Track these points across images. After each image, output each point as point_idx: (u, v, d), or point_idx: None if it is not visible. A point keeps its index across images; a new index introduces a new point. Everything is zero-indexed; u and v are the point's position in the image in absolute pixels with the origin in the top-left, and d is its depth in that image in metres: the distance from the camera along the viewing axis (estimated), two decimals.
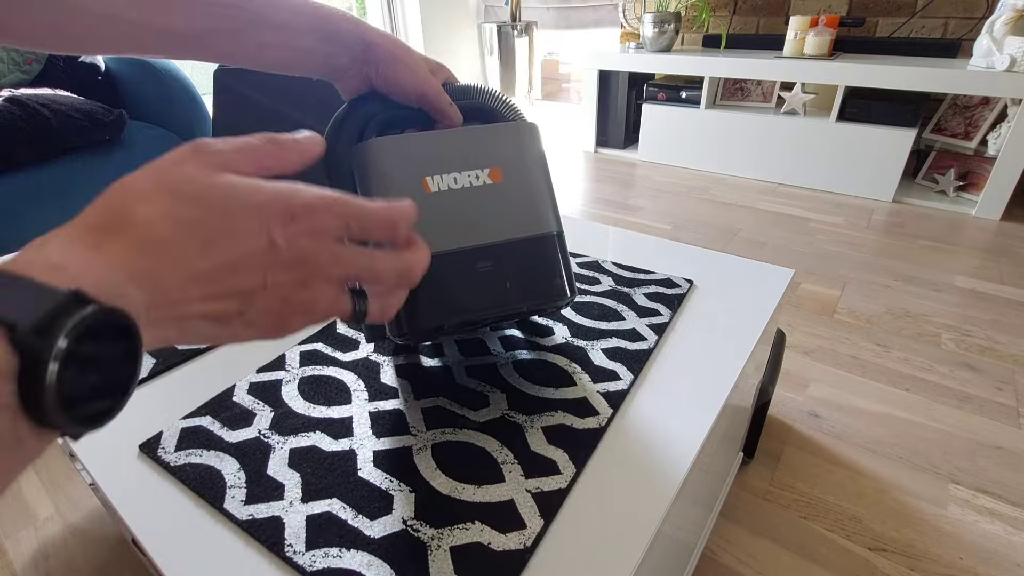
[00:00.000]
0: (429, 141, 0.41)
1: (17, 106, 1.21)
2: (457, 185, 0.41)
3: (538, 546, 0.36)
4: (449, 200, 0.40)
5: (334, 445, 0.44)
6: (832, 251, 1.62)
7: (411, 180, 0.40)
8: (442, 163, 0.41)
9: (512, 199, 0.42)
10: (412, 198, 0.36)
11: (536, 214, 0.43)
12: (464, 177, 0.41)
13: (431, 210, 0.40)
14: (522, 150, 0.44)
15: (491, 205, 0.42)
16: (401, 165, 0.40)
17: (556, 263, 0.43)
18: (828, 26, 1.99)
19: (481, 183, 0.41)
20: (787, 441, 0.94)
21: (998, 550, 0.76)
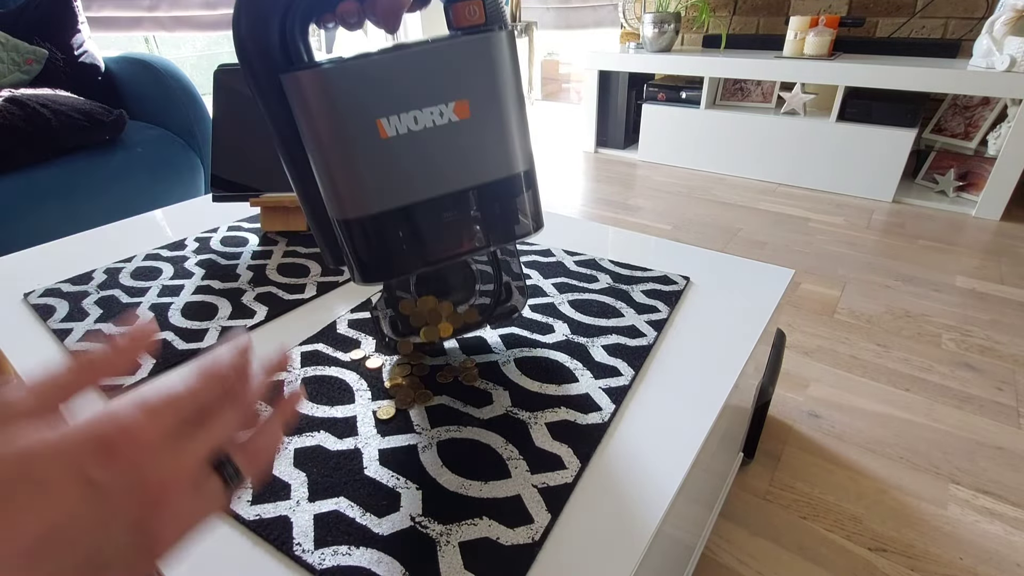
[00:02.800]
0: (379, 68, 0.33)
1: (17, 106, 1.21)
2: (418, 126, 0.34)
3: (546, 540, 0.36)
4: (409, 145, 0.35)
5: (339, 444, 0.44)
6: (832, 251, 1.62)
7: (362, 124, 0.34)
8: (398, 98, 0.34)
9: (480, 138, 0.36)
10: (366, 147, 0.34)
11: (505, 153, 0.37)
12: (426, 115, 0.34)
13: (387, 159, 0.35)
14: (494, 73, 0.35)
15: (457, 147, 0.36)
16: (348, 105, 0.33)
17: (522, 203, 0.39)
18: (828, 26, 1.99)
19: (446, 121, 0.35)
20: (787, 441, 0.95)
21: (998, 550, 0.76)
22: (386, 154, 0.34)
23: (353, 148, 0.34)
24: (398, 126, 0.34)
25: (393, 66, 0.33)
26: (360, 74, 0.33)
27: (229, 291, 0.67)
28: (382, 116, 0.34)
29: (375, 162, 0.35)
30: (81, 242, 0.82)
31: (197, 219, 0.90)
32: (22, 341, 0.60)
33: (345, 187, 0.35)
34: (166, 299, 0.66)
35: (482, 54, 0.35)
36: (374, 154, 0.34)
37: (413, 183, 0.36)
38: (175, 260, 0.75)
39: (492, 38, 0.35)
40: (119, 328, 0.23)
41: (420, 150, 0.35)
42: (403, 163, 0.35)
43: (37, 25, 1.48)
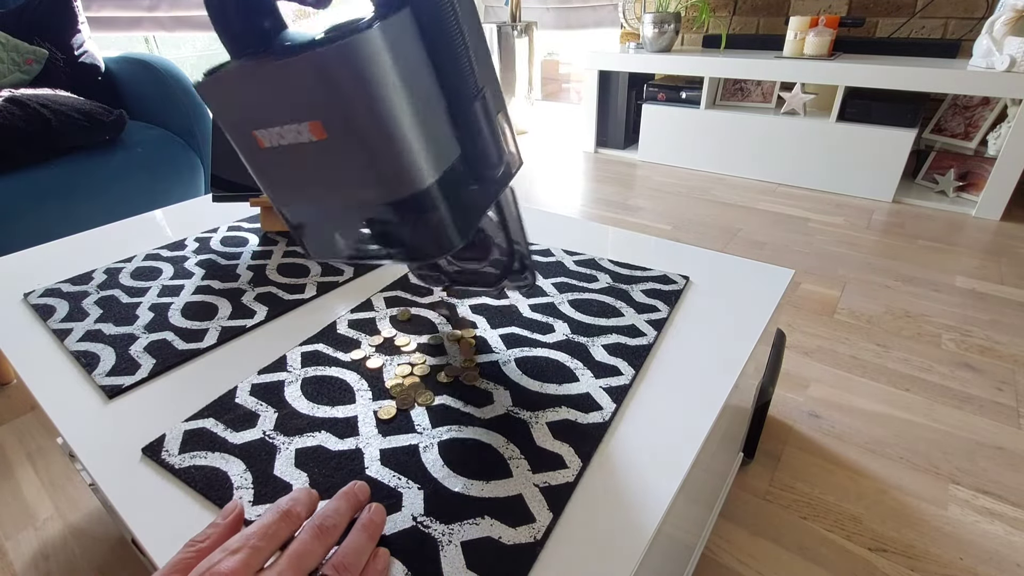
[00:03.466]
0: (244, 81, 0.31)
1: (17, 106, 1.21)
2: (285, 141, 0.32)
3: (547, 539, 0.36)
4: (284, 158, 0.33)
5: (340, 444, 0.44)
6: (832, 251, 1.63)
7: (244, 134, 0.33)
8: (264, 112, 0.32)
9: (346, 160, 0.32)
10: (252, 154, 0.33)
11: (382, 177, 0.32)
12: (288, 132, 0.32)
13: (272, 169, 0.34)
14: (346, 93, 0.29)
15: (325, 169, 0.32)
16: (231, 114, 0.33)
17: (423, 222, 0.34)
18: (828, 26, 2.00)
19: (305, 140, 0.31)
20: (787, 441, 0.95)
21: (998, 550, 0.76)
22: (269, 163, 0.34)
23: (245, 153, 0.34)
24: (270, 139, 0.32)
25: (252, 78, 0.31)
26: (237, 82, 0.31)
27: (229, 291, 0.67)
28: (255, 128, 0.32)
29: (263, 170, 0.34)
30: (81, 242, 0.82)
31: (197, 219, 0.90)
32: (22, 341, 0.60)
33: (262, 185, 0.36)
34: (166, 299, 0.66)
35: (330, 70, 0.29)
36: (259, 163, 0.34)
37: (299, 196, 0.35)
38: (175, 260, 0.75)
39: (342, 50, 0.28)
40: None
41: (296, 165, 0.33)
42: (285, 176, 0.34)
43: (37, 25, 1.48)
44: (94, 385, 0.52)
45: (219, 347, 0.58)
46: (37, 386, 0.53)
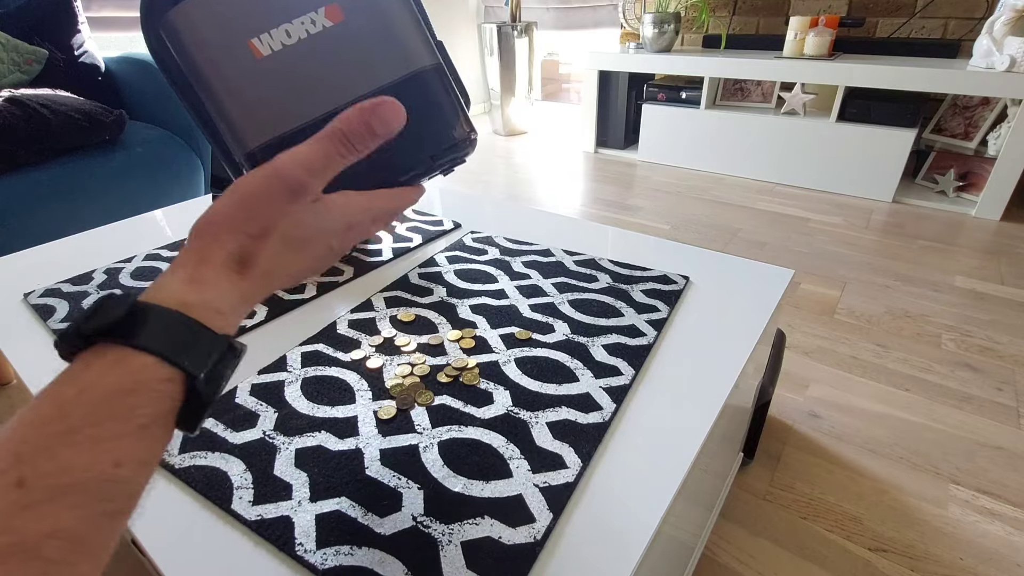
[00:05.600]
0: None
1: (17, 106, 1.21)
2: (291, 40, 0.32)
3: (547, 539, 0.36)
4: (288, 61, 0.33)
5: (340, 444, 0.44)
6: (832, 251, 1.63)
7: (235, 50, 0.32)
8: (266, 16, 0.32)
9: (364, 38, 0.33)
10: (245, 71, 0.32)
11: (398, 50, 0.34)
12: (297, 27, 0.32)
13: (272, 79, 0.33)
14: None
15: (341, 53, 0.33)
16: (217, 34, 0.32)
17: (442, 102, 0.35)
18: (828, 26, 2.00)
19: (319, 28, 0.33)
20: (787, 441, 0.95)
21: (998, 550, 0.76)
22: (267, 75, 0.33)
23: (233, 75, 0.33)
24: (271, 43, 0.32)
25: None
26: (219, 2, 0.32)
27: None
28: (252, 36, 0.32)
29: (259, 85, 0.33)
30: (81, 242, 0.82)
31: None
32: (22, 341, 0.60)
33: (236, 118, 0.34)
34: None
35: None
36: (255, 77, 0.33)
37: (305, 100, 0.33)
38: None
39: None
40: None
41: (301, 64, 0.33)
42: (288, 81, 0.33)
43: (37, 25, 1.48)
44: None
45: None
46: (37, 386, 0.53)
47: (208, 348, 0.23)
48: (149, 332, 0.22)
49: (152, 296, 0.24)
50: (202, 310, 0.24)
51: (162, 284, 0.25)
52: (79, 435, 0.19)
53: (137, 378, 0.21)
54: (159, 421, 0.22)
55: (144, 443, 0.21)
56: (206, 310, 0.24)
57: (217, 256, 0.25)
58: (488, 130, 3.14)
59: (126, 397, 0.21)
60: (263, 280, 0.27)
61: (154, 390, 0.22)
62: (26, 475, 0.18)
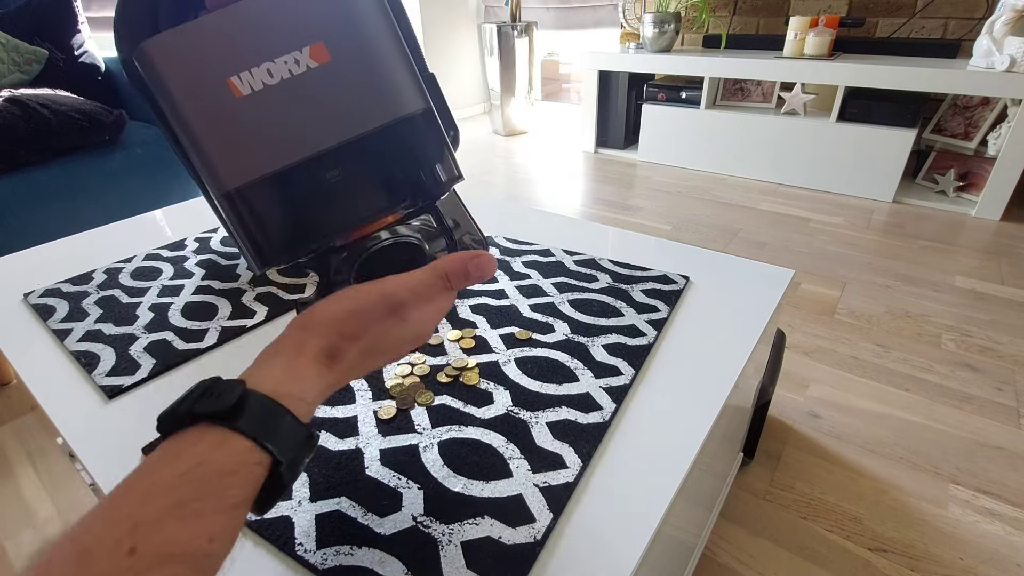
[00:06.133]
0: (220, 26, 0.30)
1: (17, 106, 1.21)
2: (273, 79, 0.31)
3: (547, 539, 0.36)
4: (269, 101, 0.31)
5: (340, 444, 0.44)
6: (832, 251, 1.63)
7: (214, 87, 0.30)
8: (247, 53, 0.30)
9: (349, 81, 0.32)
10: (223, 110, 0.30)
11: (386, 95, 0.33)
12: (280, 66, 0.31)
13: (250, 119, 0.31)
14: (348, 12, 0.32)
15: (324, 95, 0.32)
16: (195, 69, 0.30)
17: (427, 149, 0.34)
18: (828, 26, 2.00)
19: (303, 69, 0.31)
20: (787, 441, 0.95)
21: (998, 550, 0.76)
22: (245, 114, 0.31)
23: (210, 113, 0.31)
24: (251, 82, 0.31)
25: (234, 19, 0.30)
26: (201, 33, 0.30)
27: (229, 291, 0.67)
28: (232, 74, 0.30)
29: (237, 125, 0.31)
30: (81, 242, 0.82)
31: (197, 219, 0.90)
32: (22, 341, 0.60)
33: (214, 158, 0.32)
34: (166, 299, 0.66)
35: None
36: (232, 116, 0.31)
37: (284, 143, 0.32)
38: (175, 260, 0.75)
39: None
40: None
41: (283, 105, 0.31)
42: (268, 122, 0.31)
43: (37, 25, 1.48)
44: (94, 385, 0.52)
45: (219, 347, 0.58)
46: (37, 386, 0.53)
47: (293, 436, 0.26)
48: (250, 418, 0.25)
49: (254, 381, 0.26)
50: (293, 400, 0.27)
51: (263, 370, 0.28)
52: (185, 509, 0.21)
53: (236, 460, 0.24)
54: (246, 501, 0.24)
55: (233, 521, 0.23)
56: (297, 400, 0.27)
57: (312, 350, 0.29)
58: (488, 130, 3.14)
59: (225, 477, 0.23)
60: (346, 373, 0.30)
61: (249, 473, 0.24)
62: (138, 544, 0.20)
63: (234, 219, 0.33)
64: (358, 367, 0.31)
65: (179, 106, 0.31)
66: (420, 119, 0.34)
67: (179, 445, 0.24)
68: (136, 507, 0.21)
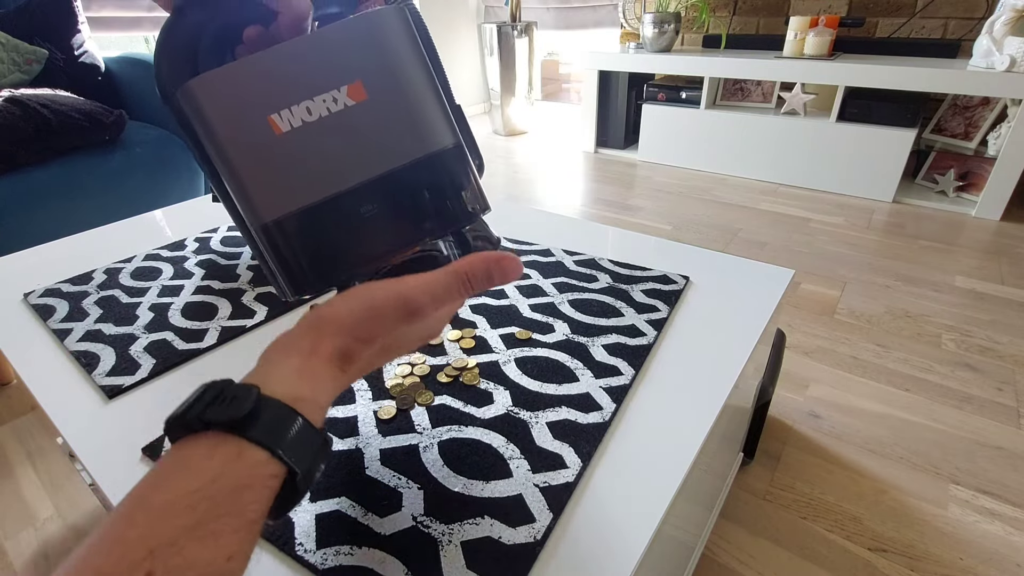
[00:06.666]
0: (261, 67, 0.32)
1: (17, 106, 1.21)
2: (312, 117, 0.32)
3: (547, 539, 0.36)
4: (307, 137, 0.32)
5: (340, 444, 0.44)
6: (832, 251, 1.63)
7: (255, 124, 0.32)
8: (287, 92, 0.32)
9: (386, 118, 0.34)
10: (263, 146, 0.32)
11: (420, 130, 0.34)
12: (319, 104, 0.32)
13: (289, 154, 0.32)
14: (385, 51, 0.33)
15: (361, 132, 0.33)
16: (237, 107, 0.32)
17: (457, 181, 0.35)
18: (828, 26, 2.00)
19: (341, 107, 0.33)
20: (787, 441, 0.95)
21: (998, 550, 0.76)
22: (285, 150, 0.32)
23: (250, 149, 0.33)
24: (291, 120, 0.32)
25: (276, 59, 0.32)
26: (244, 73, 0.32)
27: (229, 291, 0.67)
28: (272, 112, 0.32)
29: (276, 160, 0.33)
30: (81, 242, 0.82)
31: (197, 219, 0.90)
32: (22, 341, 0.60)
33: (252, 191, 0.33)
34: (166, 299, 0.66)
35: (367, 32, 0.33)
36: (273, 152, 0.33)
37: (322, 177, 0.33)
38: (175, 260, 0.75)
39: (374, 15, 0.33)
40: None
41: (321, 141, 0.33)
42: (306, 157, 0.33)
43: (37, 25, 1.48)
44: (94, 385, 0.52)
45: (219, 347, 0.58)
46: (37, 386, 0.53)
47: (309, 444, 0.25)
48: (265, 427, 0.24)
49: (266, 384, 0.25)
50: (309, 405, 0.26)
51: (276, 371, 0.27)
52: (203, 530, 0.21)
53: (252, 473, 0.23)
54: (263, 515, 0.23)
55: (250, 536, 0.22)
56: (312, 405, 0.26)
57: (326, 350, 0.28)
58: (488, 130, 3.14)
59: (243, 492, 0.22)
60: (357, 373, 0.30)
61: (266, 486, 0.23)
62: (156, 569, 0.19)
63: (270, 250, 0.34)
64: (369, 366, 0.31)
65: (221, 142, 0.32)
66: (451, 153, 0.35)
67: (191, 456, 0.23)
68: (152, 527, 0.20)
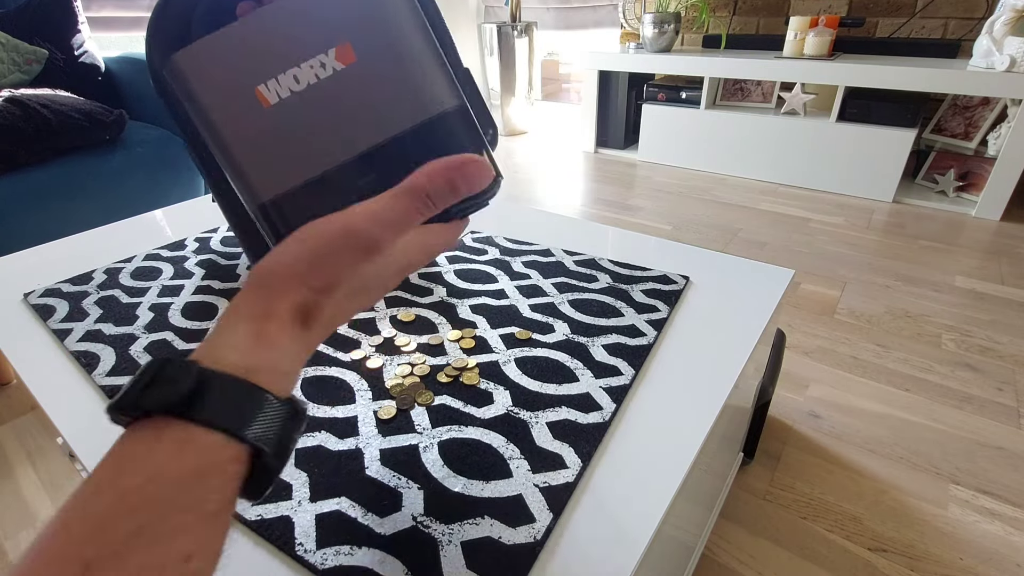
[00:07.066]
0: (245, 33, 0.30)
1: (17, 106, 1.21)
2: (300, 85, 0.30)
3: (547, 539, 0.36)
4: (297, 108, 0.31)
5: (340, 444, 0.44)
6: (832, 251, 1.63)
7: (243, 97, 0.30)
8: (272, 60, 0.30)
9: (379, 81, 0.31)
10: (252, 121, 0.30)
11: (418, 93, 0.32)
12: (306, 71, 0.30)
13: (280, 128, 0.31)
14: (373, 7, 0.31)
15: (353, 98, 0.31)
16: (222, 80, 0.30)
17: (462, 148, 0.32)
18: (828, 26, 2.00)
19: (330, 72, 0.31)
20: (787, 441, 0.95)
21: (998, 550, 0.76)
22: (275, 123, 0.31)
23: (239, 124, 0.31)
24: (278, 90, 0.30)
25: (255, 27, 0.30)
26: (224, 44, 0.30)
27: (229, 291, 0.67)
28: (259, 83, 0.30)
29: (267, 135, 0.31)
30: (81, 242, 0.82)
31: (197, 219, 0.90)
32: (22, 341, 0.60)
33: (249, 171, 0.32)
34: (166, 299, 0.66)
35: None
36: (263, 126, 0.31)
37: (318, 149, 0.31)
38: (175, 260, 0.75)
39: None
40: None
41: (311, 111, 0.31)
42: (298, 129, 0.31)
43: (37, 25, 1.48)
44: (94, 385, 0.52)
45: None
46: (37, 386, 0.53)
47: (274, 417, 0.22)
48: (215, 406, 0.21)
49: (214, 357, 0.22)
50: (269, 374, 0.23)
51: (225, 341, 0.23)
52: (148, 535, 0.18)
53: (205, 460, 0.20)
54: (227, 503, 0.21)
55: (215, 530, 0.20)
56: (272, 374, 0.23)
57: (283, 310, 0.24)
58: None
59: (194, 485, 0.19)
60: (324, 329, 0.26)
61: (223, 472, 0.20)
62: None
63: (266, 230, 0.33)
64: (340, 315, 0.27)
65: (210, 119, 0.31)
66: (454, 116, 0.32)
67: (131, 448, 0.20)
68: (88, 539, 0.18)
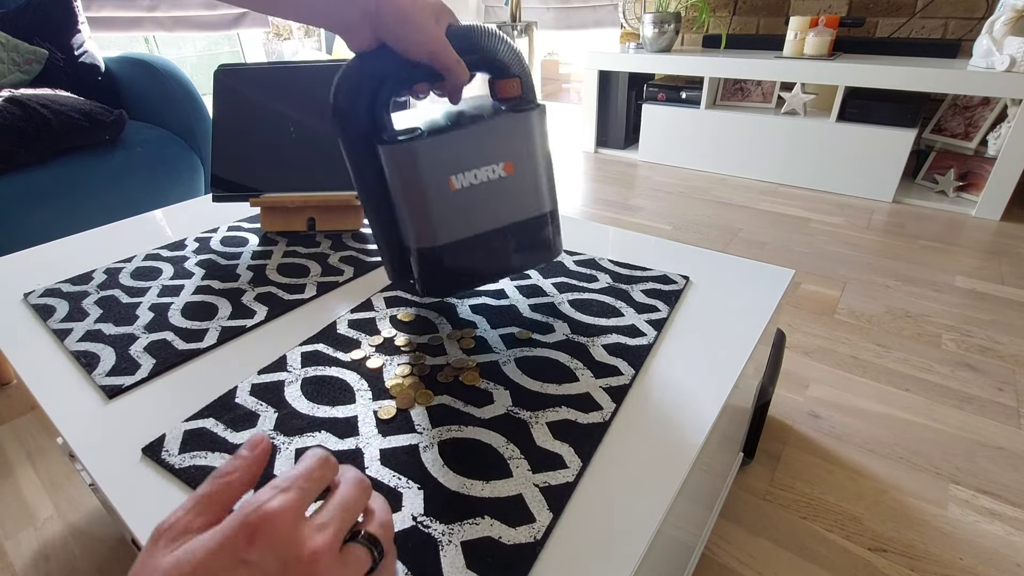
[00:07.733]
0: (454, 142, 0.47)
1: (17, 106, 1.21)
2: (477, 181, 0.48)
3: (547, 539, 0.36)
4: (469, 195, 0.48)
5: (340, 444, 0.44)
6: (832, 251, 1.63)
7: (439, 181, 0.47)
8: (464, 161, 0.47)
9: (520, 187, 0.50)
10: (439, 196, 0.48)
11: (537, 198, 0.51)
12: (483, 173, 0.48)
13: (454, 205, 0.48)
14: (531, 141, 0.49)
15: (503, 195, 0.49)
16: (431, 168, 0.46)
17: (547, 235, 0.54)
18: (828, 26, 2.00)
19: (496, 176, 0.48)
20: (787, 441, 0.95)
21: (998, 550, 0.76)
22: (454, 201, 0.48)
23: (431, 197, 0.48)
24: (462, 181, 0.48)
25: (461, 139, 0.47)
26: (438, 146, 0.46)
27: (229, 291, 0.67)
28: (452, 174, 0.47)
29: (446, 207, 0.48)
30: (81, 242, 0.83)
31: (197, 219, 0.90)
32: (22, 341, 0.60)
33: (423, 224, 0.49)
34: (166, 299, 0.66)
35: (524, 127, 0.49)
36: (445, 202, 0.48)
37: (472, 221, 0.49)
38: (175, 260, 0.75)
39: (531, 116, 0.49)
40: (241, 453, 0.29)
41: (478, 197, 0.48)
42: (466, 207, 0.48)
43: (37, 25, 1.48)
44: (94, 385, 0.52)
45: (219, 347, 0.58)
46: (37, 386, 0.53)
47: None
48: None
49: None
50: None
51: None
52: None
53: None
54: None
55: None
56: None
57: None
58: None
59: None
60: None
61: None
62: None
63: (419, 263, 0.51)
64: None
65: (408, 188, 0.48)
66: (549, 215, 0.53)
67: None
68: None
